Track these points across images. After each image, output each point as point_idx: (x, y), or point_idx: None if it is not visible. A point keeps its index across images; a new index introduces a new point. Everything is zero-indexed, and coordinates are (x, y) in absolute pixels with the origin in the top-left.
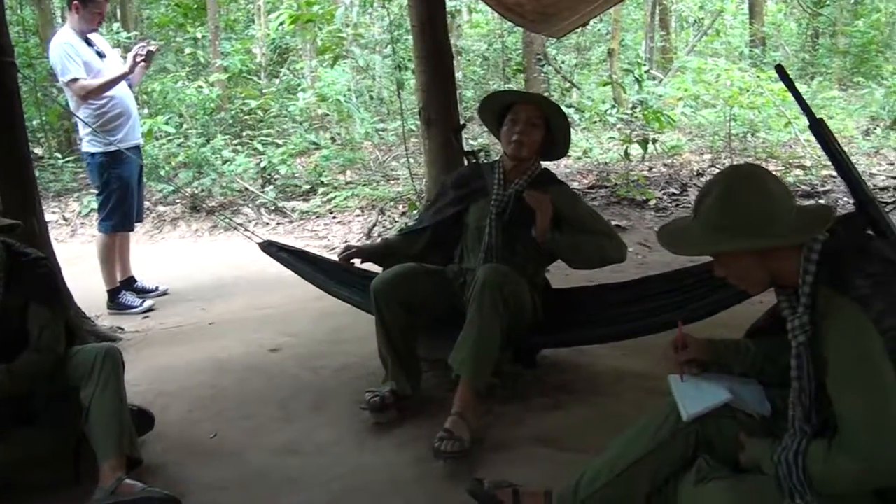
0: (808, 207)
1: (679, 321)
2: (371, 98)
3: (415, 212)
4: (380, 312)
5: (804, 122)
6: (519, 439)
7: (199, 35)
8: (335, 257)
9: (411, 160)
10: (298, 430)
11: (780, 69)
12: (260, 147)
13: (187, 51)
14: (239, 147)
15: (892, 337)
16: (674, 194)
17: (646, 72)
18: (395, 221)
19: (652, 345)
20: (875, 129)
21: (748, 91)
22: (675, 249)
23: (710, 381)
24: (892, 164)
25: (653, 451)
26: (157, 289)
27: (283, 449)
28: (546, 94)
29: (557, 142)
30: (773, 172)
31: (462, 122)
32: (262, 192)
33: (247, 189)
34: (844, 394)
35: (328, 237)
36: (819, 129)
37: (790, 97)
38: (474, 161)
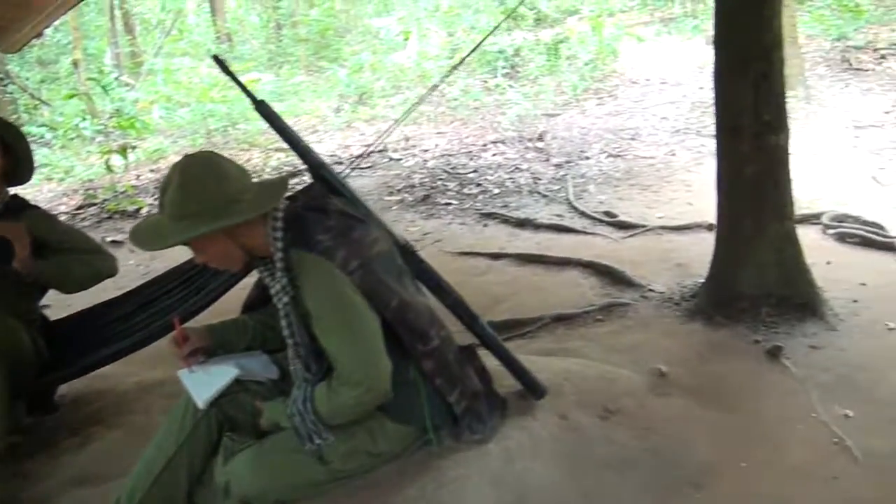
0: (267, 181)
1: (175, 318)
2: None
3: None
4: None
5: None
6: (55, 490)
7: None
8: None
9: None
10: None
11: (217, 59)
12: None
13: None
14: None
15: (358, 276)
16: None
17: (115, 79)
18: None
19: (166, 349)
20: (344, 106)
21: (217, 86)
22: (149, 247)
23: (218, 363)
24: (363, 134)
25: (181, 446)
26: None
27: None
28: (14, 116)
29: (20, 163)
30: (245, 158)
31: None
32: None
33: None
34: (330, 336)
35: None
36: (262, 109)
37: (257, 87)
38: None
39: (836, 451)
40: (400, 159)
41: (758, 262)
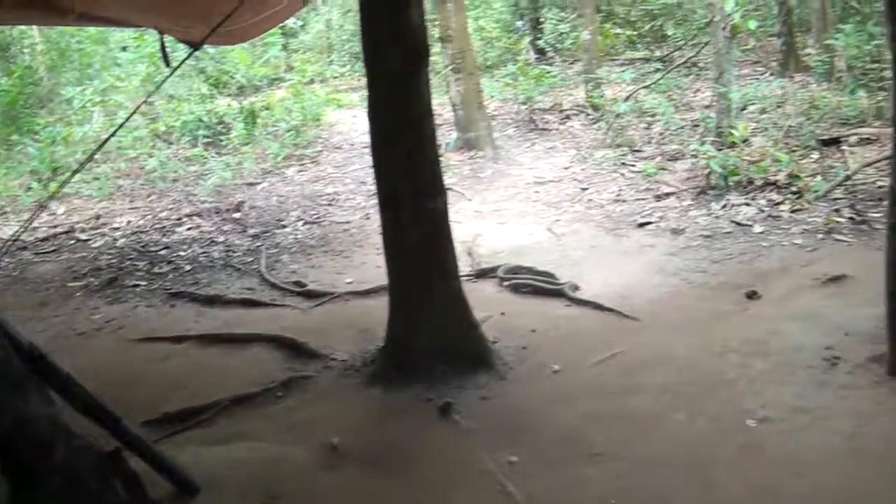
0: None
1: None
2: None
3: None
4: None
5: None
6: None
7: None
8: None
9: None
10: None
11: None
12: None
13: None
14: None
15: None
16: None
17: None
18: None
19: None
20: (36, 183)
21: None
22: None
23: None
24: (53, 213)
25: None
26: None
27: None
28: None
29: None
30: None
31: None
32: None
33: None
34: None
35: None
36: None
37: None
38: None
39: (501, 498)
40: (88, 240)
41: (428, 322)
